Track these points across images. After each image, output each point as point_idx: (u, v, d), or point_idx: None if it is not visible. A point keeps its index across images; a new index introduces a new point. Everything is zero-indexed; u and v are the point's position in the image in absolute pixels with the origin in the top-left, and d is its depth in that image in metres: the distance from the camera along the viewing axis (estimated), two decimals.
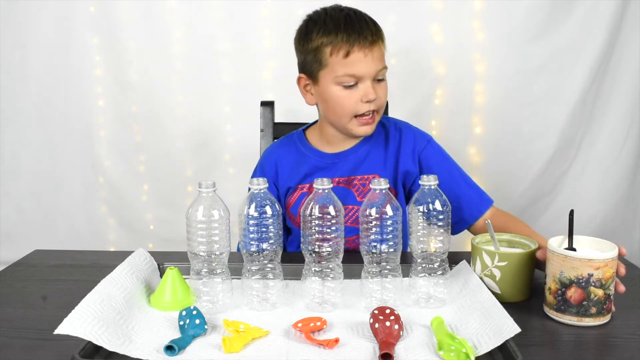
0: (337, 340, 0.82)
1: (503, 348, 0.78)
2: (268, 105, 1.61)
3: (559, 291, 0.91)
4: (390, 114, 1.63)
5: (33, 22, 2.13)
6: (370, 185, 0.94)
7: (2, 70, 2.17)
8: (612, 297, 0.92)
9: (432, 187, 0.94)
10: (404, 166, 1.30)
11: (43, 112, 2.20)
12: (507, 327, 0.78)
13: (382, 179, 0.93)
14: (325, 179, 0.93)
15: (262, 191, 0.94)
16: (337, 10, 1.26)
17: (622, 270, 0.94)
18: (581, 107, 2.09)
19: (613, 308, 0.93)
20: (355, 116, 1.24)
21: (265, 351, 0.81)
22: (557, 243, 0.97)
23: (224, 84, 2.15)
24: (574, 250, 0.96)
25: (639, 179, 2.16)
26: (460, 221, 1.28)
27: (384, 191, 0.93)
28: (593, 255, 0.90)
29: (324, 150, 1.34)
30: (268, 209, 0.93)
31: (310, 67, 1.26)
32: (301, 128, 1.41)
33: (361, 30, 1.21)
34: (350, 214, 1.29)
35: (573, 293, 0.90)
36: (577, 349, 0.84)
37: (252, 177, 1.41)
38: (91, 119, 2.20)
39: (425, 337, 0.85)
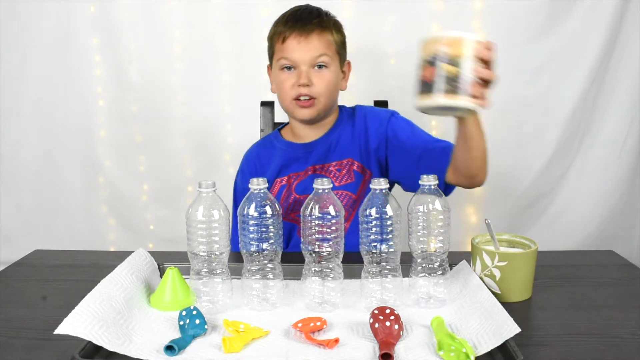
0: (337, 340, 0.82)
1: (503, 348, 0.78)
2: (268, 105, 1.62)
3: (419, 77, 0.95)
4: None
5: (33, 22, 2.13)
6: (370, 185, 0.94)
7: (2, 70, 2.17)
8: (472, 80, 0.92)
9: (432, 187, 0.94)
10: (373, 143, 1.36)
11: (43, 112, 2.20)
12: (507, 327, 0.79)
13: (382, 179, 0.93)
14: (325, 179, 0.93)
15: (262, 191, 0.94)
16: (297, 7, 1.38)
17: (485, 71, 0.95)
18: (581, 107, 2.09)
19: (486, 102, 0.94)
20: (295, 100, 1.32)
21: (265, 351, 0.81)
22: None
23: (224, 84, 2.15)
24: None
25: (639, 179, 2.16)
26: (440, 172, 1.23)
27: (383, 191, 0.93)
28: (442, 33, 0.92)
29: (295, 142, 1.41)
30: (268, 209, 0.93)
31: (269, 55, 1.40)
32: (277, 128, 1.49)
33: (301, 20, 1.32)
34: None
35: (425, 71, 0.94)
36: (577, 349, 0.84)
37: (236, 179, 1.46)
38: (91, 119, 2.20)
39: (425, 337, 0.85)
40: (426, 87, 0.93)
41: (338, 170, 1.36)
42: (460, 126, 1.12)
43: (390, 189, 0.96)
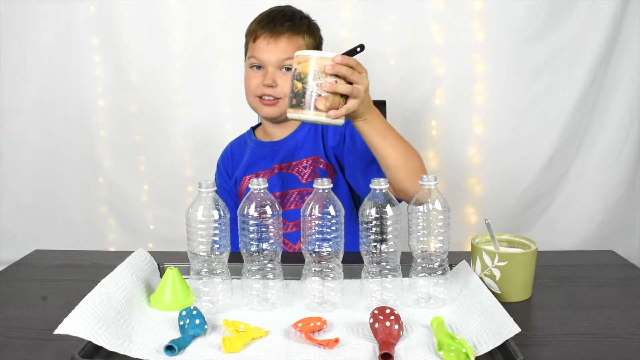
0: (337, 340, 0.82)
1: (503, 348, 0.78)
2: None
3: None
4: (390, 114, 1.63)
5: (33, 22, 2.14)
6: (370, 185, 0.94)
7: (2, 70, 2.17)
8: (318, 94, 0.97)
9: (432, 187, 0.94)
10: (332, 141, 1.37)
11: (43, 112, 2.20)
12: (507, 327, 0.79)
13: (382, 179, 0.93)
14: (325, 179, 0.93)
15: (262, 191, 0.94)
16: (274, 8, 1.39)
17: (327, 84, 0.98)
18: (581, 107, 2.09)
19: (337, 113, 0.98)
20: (259, 98, 1.35)
21: (265, 351, 0.81)
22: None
23: (224, 84, 2.15)
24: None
25: (639, 179, 2.16)
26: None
27: (383, 191, 0.93)
28: (297, 52, 1.00)
29: (265, 140, 1.44)
30: (268, 209, 0.93)
31: (244, 52, 1.42)
32: (252, 127, 1.52)
33: (273, 21, 1.34)
34: (296, 198, 1.36)
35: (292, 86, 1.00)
36: (577, 349, 0.84)
37: (215, 175, 1.50)
38: (91, 119, 2.20)
39: (425, 337, 0.85)
40: (289, 99, 1.01)
41: (304, 168, 1.37)
42: (365, 138, 1.12)
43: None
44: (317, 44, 1.40)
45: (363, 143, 1.18)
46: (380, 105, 1.62)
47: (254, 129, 1.50)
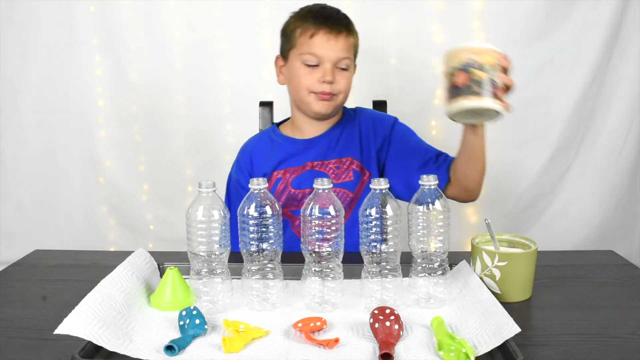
0: (337, 340, 0.82)
1: (503, 348, 0.78)
2: (267, 105, 1.62)
3: (450, 82, 1.03)
4: (390, 114, 1.63)
5: (33, 22, 2.13)
6: (370, 185, 0.94)
7: (2, 70, 2.17)
8: (499, 86, 1.00)
9: (432, 187, 0.94)
10: (377, 144, 1.39)
11: (43, 112, 2.20)
12: (507, 327, 0.79)
13: (382, 179, 0.93)
14: (325, 179, 0.93)
15: (262, 191, 0.94)
16: (318, 5, 1.39)
17: (506, 78, 1.02)
18: (581, 107, 2.09)
19: (510, 106, 1.01)
20: (315, 93, 1.33)
21: (265, 351, 0.81)
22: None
23: (223, 84, 2.15)
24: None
25: (639, 179, 2.16)
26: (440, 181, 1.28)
27: (383, 191, 0.93)
28: (470, 43, 1.01)
29: (295, 137, 1.42)
30: (268, 209, 0.93)
31: (284, 48, 1.39)
32: (274, 124, 1.49)
33: (330, 18, 1.33)
34: None
35: (458, 77, 1.01)
36: (577, 349, 0.84)
37: (231, 172, 1.48)
38: (91, 119, 2.20)
39: (425, 337, 0.85)
40: (458, 91, 1.01)
41: (337, 168, 1.37)
42: (470, 136, 1.17)
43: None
44: (358, 47, 1.40)
45: (411, 145, 1.28)
46: (381, 105, 1.62)
47: (277, 125, 1.48)
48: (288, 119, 1.48)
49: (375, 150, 1.39)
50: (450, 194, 1.30)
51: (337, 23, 1.32)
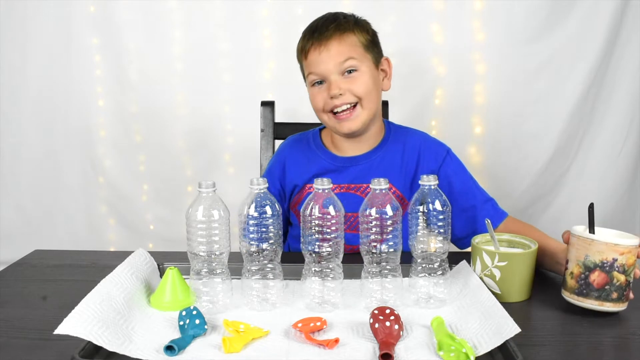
0: (337, 340, 0.82)
1: (503, 348, 0.78)
2: (268, 105, 1.61)
3: (582, 275, 0.93)
4: (391, 114, 1.63)
5: (33, 22, 2.13)
6: (370, 185, 0.94)
7: (2, 70, 2.17)
8: (631, 285, 0.93)
9: (432, 187, 0.94)
10: (417, 174, 1.29)
11: (43, 112, 2.20)
12: (507, 327, 0.79)
13: (382, 179, 0.93)
14: (325, 179, 0.93)
15: (262, 191, 0.94)
16: (321, 16, 1.30)
17: (638, 272, 0.96)
18: (581, 107, 2.09)
19: (631, 295, 0.94)
20: (334, 113, 1.25)
21: (265, 351, 0.81)
22: (582, 230, 0.98)
23: (224, 84, 2.15)
24: None
25: (639, 179, 2.16)
26: (473, 233, 1.20)
27: (383, 191, 0.93)
28: (619, 240, 0.91)
29: (335, 152, 1.33)
30: (268, 209, 0.93)
31: (303, 76, 1.32)
32: (318, 127, 1.40)
33: (316, 31, 1.25)
34: (356, 222, 1.26)
35: (597, 277, 0.92)
36: (576, 349, 0.84)
37: (269, 164, 1.40)
38: (91, 119, 2.20)
39: (425, 337, 0.85)
40: (590, 289, 0.93)
41: None
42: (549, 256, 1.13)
43: None
44: (372, 38, 1.28)
45: (460, 185, 1.21)
46: (382, 105, 1.61)
47: (320, 130, 1.39)
48: None
49: (412, 183, 1.29)
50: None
51: (325, 31, 1.23)
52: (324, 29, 1.24)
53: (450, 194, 1.22)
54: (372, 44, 1.29)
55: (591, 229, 0.98)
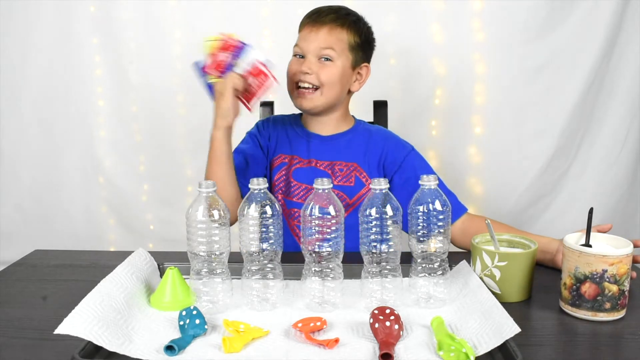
0: (337, 340, 0.82)
1: (503, 348, 0.78)
2: (268, 105, 1.62)
3: (574, 286, 0.93)
4: (390, 114, 1.63)
5: (33, 22, 2.13)
6: (370, 186, 0.94)
7: (2, 70, 2.17)
8: (626, 292, 0.92)
9: (432, 187, 0.94)
10: (383, 162, 1.37)
11: (43, 112, 2.20)
12: (507, 327, 0.79)
13: (382, 179, 0.93)
14: (325, 179, 0.93)
15: (262, 191, 0.94)
16: (330, 5, 1.39)
17: (634, 274, 0.96)
18: (581, 107, 2.09)
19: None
20: (297, 87, 1.34)
21: (265, 351, 0.81)
22: (573, 240, 0.98)
23: None
24: (590, 246, 0.97)
25: (639, 179, 2.16)
26: None
27: (383, 191, 0.93)
28: (607, 251, 0.91)
29: (311, 130, 1.42)
30: (268, 209, 0.93)
31: None
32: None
33: (318, 13, 1.35)
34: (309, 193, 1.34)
35: (587, 288, 0.92)
36: (576, 349, 0.84)
37: (251, 129, 1.46)
38: (91, 119, 2.20)
39: (425, 337, 0.85)
40: (582, 300, 0.93)
41: (340, 170, 1.37)
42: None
43: None
44: (362, 43, 1.37)
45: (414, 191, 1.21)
46: (381, 105, 1.62)
47: (300, 114, 1.48)
48: None
49: (381, 167, 1.37)
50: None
51: (323, 17, 1.34)
52: (324, 15, 1.34)
53: (411, 183, 1.28)
54: (359, 48, 1.37)
55: (588, 236, 0.99)
